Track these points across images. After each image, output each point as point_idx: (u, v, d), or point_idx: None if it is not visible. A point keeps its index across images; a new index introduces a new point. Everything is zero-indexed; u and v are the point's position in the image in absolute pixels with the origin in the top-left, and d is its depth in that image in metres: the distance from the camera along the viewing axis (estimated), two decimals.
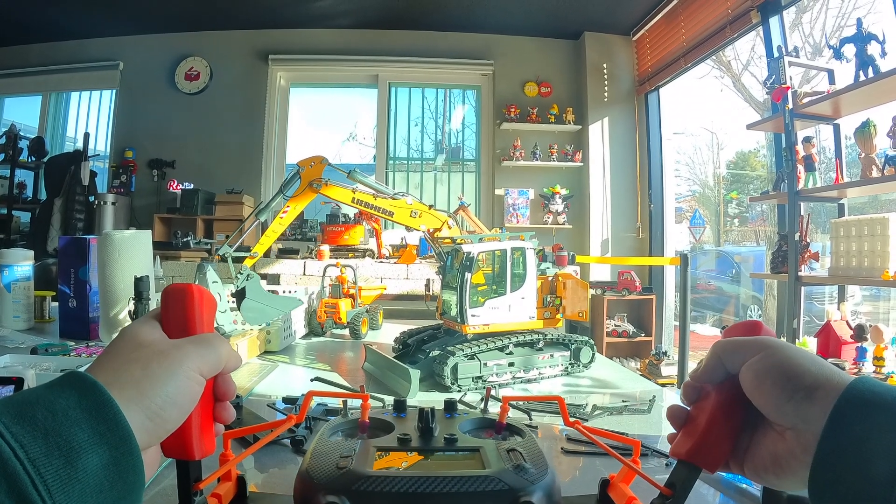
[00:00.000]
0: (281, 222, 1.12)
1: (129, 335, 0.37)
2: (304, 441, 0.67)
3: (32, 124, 5.08)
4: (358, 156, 5.65)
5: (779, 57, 2.62)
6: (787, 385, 0.35)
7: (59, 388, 0.30)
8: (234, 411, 0.42)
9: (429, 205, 1.21)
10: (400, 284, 2.99)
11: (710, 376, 0.40)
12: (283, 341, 1.32)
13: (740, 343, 0.39)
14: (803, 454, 0.35)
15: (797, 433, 0.36)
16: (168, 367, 0.35)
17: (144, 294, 1.12)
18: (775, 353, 0.37)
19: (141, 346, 0.36)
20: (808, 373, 0.35)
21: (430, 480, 0.39)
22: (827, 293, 4.08)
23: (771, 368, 0.37)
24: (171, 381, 0.34)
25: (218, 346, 0.39)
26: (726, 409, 0.39)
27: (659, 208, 4.46)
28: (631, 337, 4.03)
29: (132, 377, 0.34)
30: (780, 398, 0.36)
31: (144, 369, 0.34)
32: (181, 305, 0.39)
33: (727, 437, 0.39)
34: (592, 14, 4.34)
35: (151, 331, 0.38)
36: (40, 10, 4.23)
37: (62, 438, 0.28)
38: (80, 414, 0.29)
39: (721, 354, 0.40)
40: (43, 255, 3.68)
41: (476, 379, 1.00)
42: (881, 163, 2.17)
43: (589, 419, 0.82)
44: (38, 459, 0.26)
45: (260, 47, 4.73)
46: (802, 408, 0.35)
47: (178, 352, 0.36)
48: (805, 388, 0.35)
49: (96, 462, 0.29)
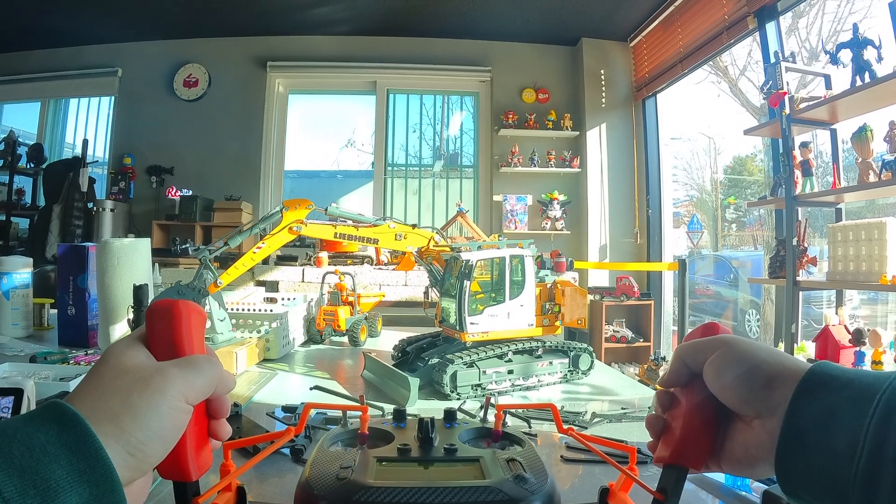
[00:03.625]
0: (253, 257, 1.09)
1: (111, 360, 0.35)
2: (304, 451, 0.67)
3: (31, 130, 5.09)
4: (356, 162, 5.65)
5: (775, 62, 2.63)
6: (746, 377, 0.37)
7: (39, 421, 0.29)
8: (229, 429, 0.41)
9: (412, 224, 1.21)
10: (399, 291, 2.99)
11: (676, 379, 0.42)
12: (281, 349, 1.32)
13: (699, 344, 0.41)
14: (770, 441, 0.36)
15: (763, 421, 0.37)
16: (149, 398, 0.33)
17: (144, 302, 1.11)
18: (732, 348, 0.39)
19: (122, 374, 0.34)
20: (766, 363, 0.37)
21: (431, 491, 0.39)
22: (825, 297, 4.08)
23: (730, 363, 0.38)
24: (152, 413, 0.32)
25: (206, 370, 0.37)
26: (699, 408, 0.40)
27: (657, 213, 4.46)
28: (629, 342, 4.03)
29: (111, 411, 0.31)
30: (742, 390, 0.37)
31: (124, 402, 0.32)
32: (167, 325, 0.37)
33: (705, 434, 0.40)
34: (589, 20, 4.36)
35: (135, 354, 0.36)
36: (39, 17, 4.25)
37: (39, 477, 0.27)
38: (59, 450, 0.28)
39: (683, 357, 0.41)
40: (41, 262, 3.68)
41: (475, 387, 1.00)
42: (878, 167, 2.17)
43: (588, 427, 0.82)
44: (13, 499, 0.25)
45: (258, 54, 4.74)
46: (763, 396, 0.36)
47: (161, 379, 0.34)
48: (764, 378, 0.37)
49: (75, 501, 0.27)
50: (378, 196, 4.88)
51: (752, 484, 0.61)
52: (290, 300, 1.68)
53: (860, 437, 0.31)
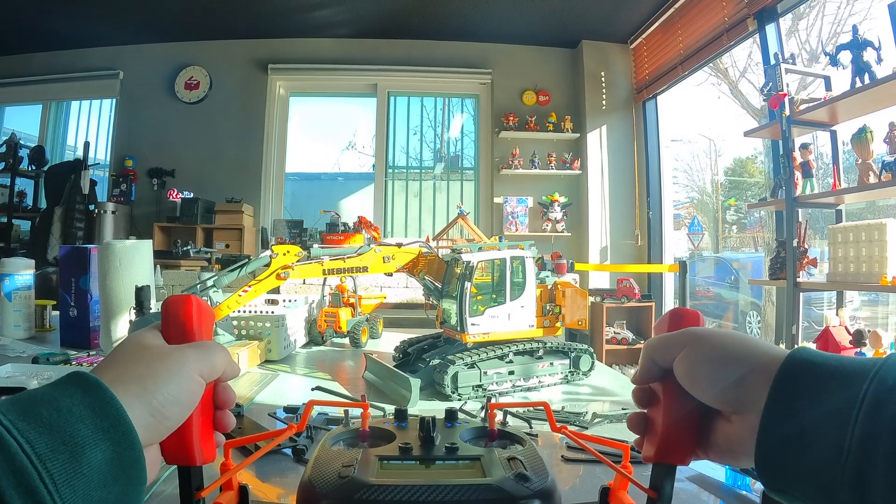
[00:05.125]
0: (238, 300, 1.08)
1: (133, 339, 0.39)
2: (306, 450, 0.67)
3: (33, 133, 5.10)
4: (357, 165, 5.67)
5: (775, 64, 2.64)
6: (717, 375, 0.36)
7: (64, 387, 0.31)
8: (233, 419, 0.43)
9: (397, 243, 1.21)
10: (400, 293, 2.99)
11: (648, 376, 0.41)
12: (283, 351, 1.32)
13: (667, 340, 0.39)
14: (750, 436, 0.34)
15: (741, 416, 0.36)
16: (170, 367, 0.36)
17: (145, 303, 1.12)
18: (700, 345, 0.37)
19: (144, 349, 0.37)
20: (736, 357, 0.36)
21: (432, 489, 0.40)
22: (825, 299, 4.07)
23: (700, 362, 0.37)
24: (173, 380, 0.36)
25: (217, 352, 0.40)
26: (677, 405, 0.39)
27: (657, 215, 4.47)
28: (630, 344, 4.02)
29: (136, 374, 0.35)
30: (714, 389, 0.36)
31: (147, 367, 0.35)
32: (181, 315, 0.41)
33: (686, 430, 0.39)
34: (590, 23, 4.37)
35: (153, 337, 0.39)
36: (40, 20, 4.26)
37: (67, 434, 0.29)
38: (83, 410, 0.30)
39: (652, 355, 0.40)
40: (42, 264, 3.68)
41: (476, 387, 1.00)
42: (878, 168, 2.18)
43: (589, 427, 0.82)
44: (45, 454, 0.27)
45: (259, 56, 4.76)
46: (737, 395, 0.35)
47: (180, 354, 0.38)
48: (736, 374, 0.35)
49: (100, 457, 0.29)
50: (379, 198, 4.89)
51: (753, 484, 0.61)
52: (291, 302, 1.68)
53: (847, 433, 0.29)
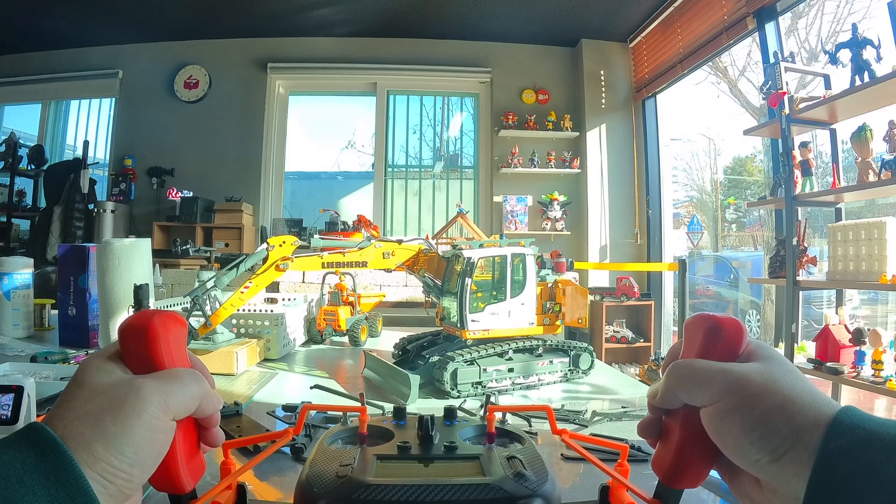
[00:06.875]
0: (241, 297, 1.07)
1: (83, 380, 0.32)
2: (304, 449, 0.67)
3: (32, 132, 5.10)
4: (357, 164, 5.66)
5: (775, 62, 2.63)
6: (755, 448, 0.31)
7: (17, 448, 0.27)
8: (222, 435, 0.39)
9: (397, 239, 1.21)
10: (399, 292, 2.99)
11: (668, 403, 0.37)
12: (282, 349, 1.32)
13: (698, 377, 0.34)
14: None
15: (774, 488, 0.32)
16: (123, 422, 0.30)
17: (144, 302, 1.12)
18: (740, 408, 0.32)
19: (94, 395, 0.31)
20: (778, 429, 0.31)
21: (431, 488, 0.39)
22: (825, 297, 4.08)
23: (732, 427, 0.32)
24: (126, 439, 0.30)
25: (189, 383, 0.34)
26: (694, 438, 0.35)
27: (657, 214, 4.47)
28: (630, 343, 4.03)
29: (83, 437, 0.29)
30: (748, 459, 0.32)
31: (95, 427, 0.29)
32: (142, 344, 0.34)
33: (705, 458, 0.36)
34: (589, 21, 4.37)
35: (108, 371, 0.33)
36: (40, 19, 4.25)
37: None
38: (37, 479, 0.26)
39: (676, 389, 0.35)
40: (42, 263, 3.68)
41: (476, 385, 1.00)
42: (877, 167, 2.18)
43: (589, 425, 0.82)
44: None
45: (259, 56, 4.75)
46: (773, 470, 0.31)
47: (137, 399, 0.31)
48: (773, 450, 0.31)
49: None
50: (378, 197, 4.88)
51: None
52: (290, 300, 1.68)
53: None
